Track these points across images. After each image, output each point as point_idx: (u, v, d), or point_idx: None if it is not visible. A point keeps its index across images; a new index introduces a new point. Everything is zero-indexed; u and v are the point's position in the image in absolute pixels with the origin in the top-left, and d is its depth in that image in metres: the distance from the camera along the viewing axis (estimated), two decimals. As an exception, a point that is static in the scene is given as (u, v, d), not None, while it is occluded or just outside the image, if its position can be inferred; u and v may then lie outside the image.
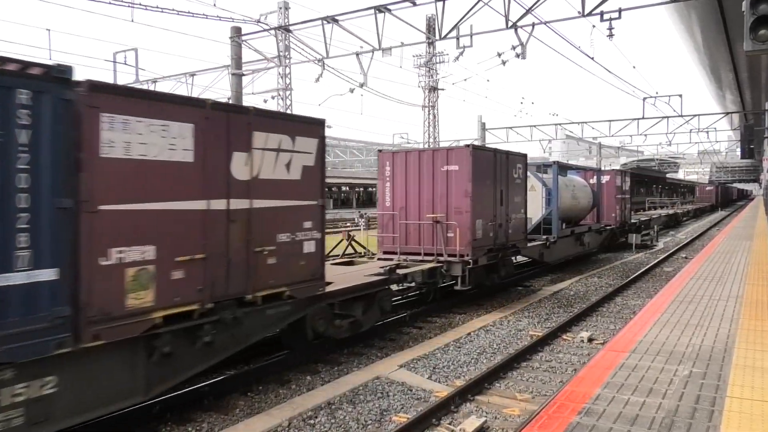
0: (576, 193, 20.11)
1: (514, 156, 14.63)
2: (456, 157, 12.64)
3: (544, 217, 17.71)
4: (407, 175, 13.16)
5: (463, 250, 12.31)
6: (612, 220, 24.23)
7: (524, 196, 15.05)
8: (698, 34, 19.10)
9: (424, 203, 12.89)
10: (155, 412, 6.82)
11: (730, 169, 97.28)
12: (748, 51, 6.74)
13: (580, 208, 20.77)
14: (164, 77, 20.77)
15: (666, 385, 5.36)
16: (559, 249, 18.35)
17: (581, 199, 20.64)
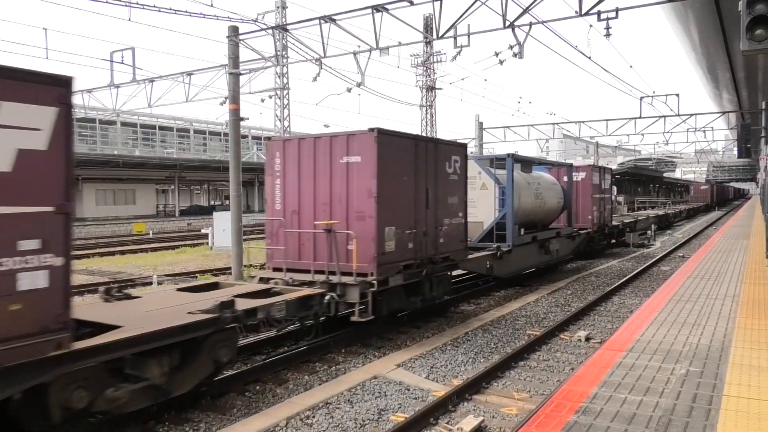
0: (542, 192, 17.36)
1: (448, 146, 11.80)
2: (358, 145, 9.75)
3: (498, 221, 14.96)
4: (300, 170, 10.37)
5: (364, 268, 9.51)
6: (588, 223, 21.40)
7: (463, 195, 12.22)
8: (695, 33, 19.12)
9: (320, 206, 10.12)
10: (153, 412, 6.82)
11: (727, 169, 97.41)
12: (745, 50, 6.75)
13: (546, 210, 17.87)
14: (161, 76, 20.72)
15: (663, 383, 5.38)
16: (517, 259, 15.39)
17: (549, 199, 17.82)
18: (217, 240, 25.12)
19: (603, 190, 23.01)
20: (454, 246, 11.84)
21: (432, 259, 11.10)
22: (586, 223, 21.31)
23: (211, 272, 18.04)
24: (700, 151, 59.63)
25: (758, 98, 28.65)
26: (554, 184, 18.75)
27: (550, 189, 18.16)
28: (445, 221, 11.48)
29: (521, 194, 15.70)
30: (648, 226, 31.41)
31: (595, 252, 23.18)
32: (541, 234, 17.20)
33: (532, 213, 16.85)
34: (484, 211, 14.99)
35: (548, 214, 18.24)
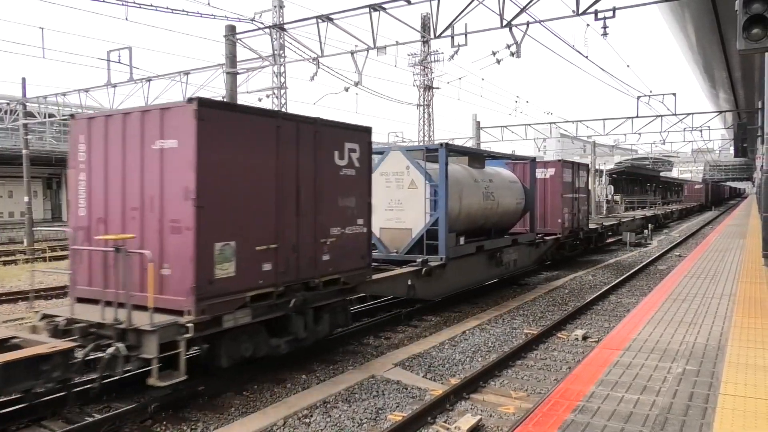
0: (494, 191, 14.35)
1: (338, 129, 8.72)
2: (174, 124, 6.83)
3: (428, 227, 11.96)
4: (108, 159, 7.40)
5: (178, 303, 6.62)
6: (558, 227, 18.46)
7: (365, 196, 9.34)
8: (692, 33, 19.16)
9: (129, 212, 7.18)
10: (151, 411, 6.81)
11: (724, 168, 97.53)
12: (741, 50, 6.77)
13: (501, 213, 14.80)
14: (158, 76, 20.70)
15: (660, 382, 5.39)
16: (455, 275, 12.50)
17: (505, 199, 14.84)
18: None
19: (577, 188, 20.21)
20: (348, 264, 8.85)
21: (309, 283, 8.17)
22: (555, 228, 18.43)
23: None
24: (696, 151, 59.74)
25: (755, 97, 28.73)
26: (513, 182, 15.79)
27: (506, 188, 15.14)
28: (333, 231, 8.53)
29: (463, 194, 12.86)
30: (634, 228, 29.59)
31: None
32: (491, 242, 14.18)
33: (481, 216, 13.87)
34: (413, 215, 12.08)
35: (504, 218, 15.20)
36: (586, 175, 21.49)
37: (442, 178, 11.88)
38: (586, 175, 21.48)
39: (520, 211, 16.08)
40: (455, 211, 12.55)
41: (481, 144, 33.16)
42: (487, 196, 14.00)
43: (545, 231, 18.28)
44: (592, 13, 13.49)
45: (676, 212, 49.59)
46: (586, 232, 21.43)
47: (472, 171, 13.97)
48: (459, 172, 13.26)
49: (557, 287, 15.62)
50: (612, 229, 26.69)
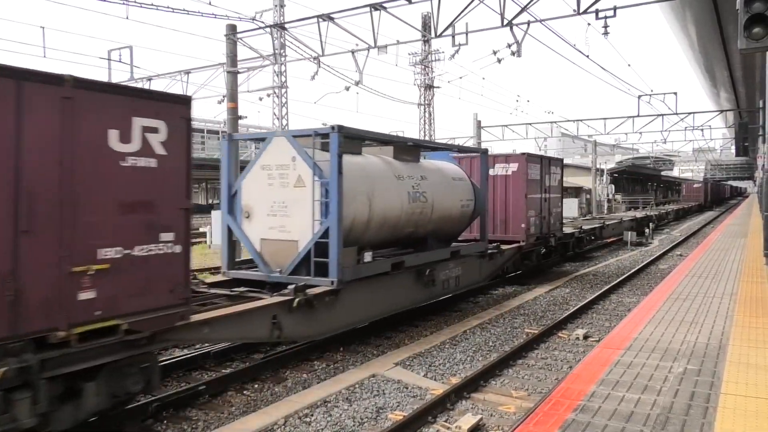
0: (428, 189, 11.23)
1: (120, 98, 5.69)
2: None
3: (317, 240, 8.79)
4: None
5: None
6: (521, 233, 15.45)
7: (178, 198, 6.22)
8: (693, 32, 19.15)
9: None
10: (151, 410, 6.82)
11: (725, 167, 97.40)
12: (743, 49, 6.77)
13: (439, 218, 11.66)
14: (159, 75, 20.71)
15: (661, 382, 5.39)
16: (355, 304, 9.28)
17: (443, 200, 11.71)
18: (216, 238, 25.09)
19: (548, 187, 17.24)
20: (140, 303, 5.79)
21: (47, 338, 5.10)
22: (517, 234, 15.46)
23: (209, 270, 18.05)
24: (698, 150, 59.74)
25: (756, 96, 28.71)
26: (458, 179, 12.62)
27: (447, 186, 12.04)
28: (104, 254, 5.50)
29: (376, 194, 9.75)
30: (620, 232, 27.40)
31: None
32: (416, 257, 10.86)
33: (407, 223, 10.74)
34: (299, 222, 8.96)
35: (444, 224, 12.07)
36: (559, 171, 18.38)
37: (334, 174, 8.60)
38: (560, 172, 18.45)
39: (469, 215, 12.90)
40: (362, 217, 9.44)
41: (481, 143, 33.13)
42: (417, 196, 10.77)
43: (506, 238, 15.41)
44: (593, 13, 13.48)
45: (672, 213, 45.62)
46: (559, 238, 18.32)
47: (397, 165, 10.79)
48: (372, 165, 10.12)
49: (558, 286, 15.60)
50: (594, 233, 23.70)
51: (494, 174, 15.75)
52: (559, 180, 18.31)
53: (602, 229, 25.08)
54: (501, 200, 15.84)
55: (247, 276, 9.53)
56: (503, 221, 15.85)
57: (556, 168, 18.07)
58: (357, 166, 9.72)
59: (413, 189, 10.83)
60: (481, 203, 13.21)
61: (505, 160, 16.01)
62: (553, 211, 17.79)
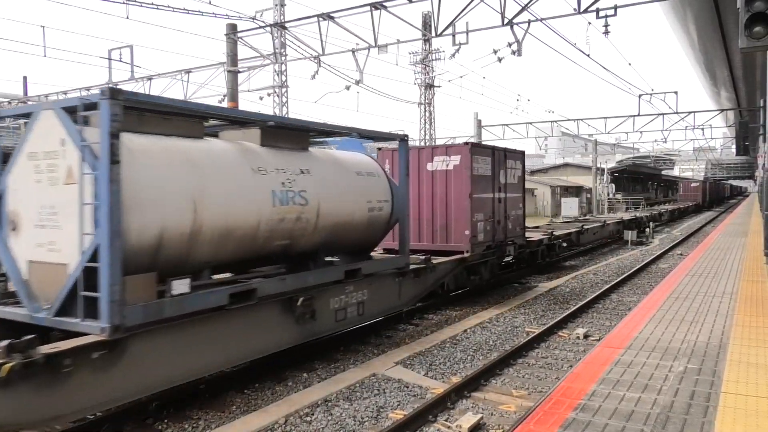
0: (309, 188, 8.37)
1: None
2: None
3: (86, 263, 5.69)
4: None
5: None
6: (465, 241, 12.67)
7: None
8: (693, 31, 19.14)
9: None
10: (152, 409, 6.83)
11: (725, 166, 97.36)
12: (743, 48, 6.76)
13: (332, 225, 8.83)
14: (160, 74, 20.71)
15: (661, 381, 5.39)
16: (163, 358, 6.32)
17: (338, 203, 8.91)
18: None
19: (503, 185, 14.32)
20: None
21: None
22: (460, 243, 12.72)
23: None
24: (698, 149, 59.68)
25: (756, 96, 28.71)
26: (365, 175, 9.67)
27: (347, 182, 9.15)
28: None
29: (208, 193, 6.87)
30: (601, 238, 25.43)
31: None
32: (278, 282, 7.80)
33: (273, 234, 7.79)
34: (69, 237, 5.98)
35: (344, 233, 9.14)
36: (520, 167, 15.34)
37: (104, 164, 5.69)
38: (521, 168, 15.37)
39: (384, 221, 9.95)
40: (180, 228, 6.52)
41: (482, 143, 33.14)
42: (289, 197, 7.87)
43: (448, 248, 12.81)
44: (594, 12, 13.49)
45: (667, 214, 41.83)
46: (521, 247, 15.44)
47: (260, 154, 7.87)
48: (204, 153, 7.10)
49: (558, 285, 15.59)
50: (569, 239, 20.51)
51: (433, 169, 13.15)
52: (520, 177, 15.42)
53: (580, 234, 21.72)
54: (441, 201, 12.99)
55: (5, 315, 6.30)
56: (443, 227, 12.98)
57: (515, 162, 15.03)
58: (173, 153, 6.66)
59: (283, 187, 7.77)
60: (400, 206, 10.25)
61: (444, 151, 13.17)
62: (512, 214, 14.86)
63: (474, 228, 12.89)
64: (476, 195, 12.99)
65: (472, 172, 12.84)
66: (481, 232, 13.22)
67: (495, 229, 13.91)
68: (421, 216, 13.24)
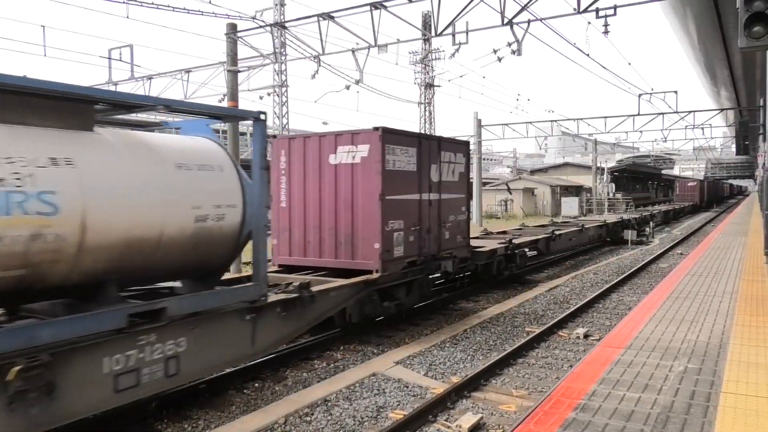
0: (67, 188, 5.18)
1: None
2: None
3: None
4: None
5: None
6: (374, 257, 9.83)
7: None
8: (693, 30, 19.14)
9: None
10: (152, 409, 6.82)
11: (725, 166, 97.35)
12: (743, 47, 6.76)
13: (111, 245, 5.55)
14: (160, 74, 20.70)
15: (661, 381, 5.39)
16: None
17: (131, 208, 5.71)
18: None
19: (437, 184, 11.44)
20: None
21: None
22: (369, 258, 9.88)
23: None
24: (698, 148, 59.68)
25: (756, 95, 28.72)
26: (192, 168, 6.56)
27: (157, 176, 6.12)
28: None
29: None
30: (579, 244, 22.35)
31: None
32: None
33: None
34: None
35: (147, 256, 6.04)
36: (463, 161, 12.47)
37: None
38: (465, 162, 12.52)
39: (228, 236, 6.85)
40: None
41: (482, 142, 33.14)
42: (8, 204, 4.82)
43: (352, 265, 9.97)
44: (594, 11, 13.48)
45: (660, 215, 37.80)
46: (463, 260, 12.60)
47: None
48: None
49: (558, 285, 15.57)
50: (536, 247, 17.89)
51: (336, 162, 10.18)
52: (463, 173, 12.48)
53: (550, 242, 18.46)
54: (345, 205, 10.13)
55: None
56: (348, 239, 10.05)
57: (454, 155, 12.09)
58: None
59: (2, 186, 4.82)
60: (255, 212, 7.08)
61: (350, 139, 10.11)
62: (450, 220, 11.96)
63: (387, 240, 9.94)
64: (391, 197, 10.00)
65: (385, 166, 9.86)
66: (400, 245, 10.29)
67: (423, 241, 10.98)
68: (323, 224, 10.30)
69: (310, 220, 10.46)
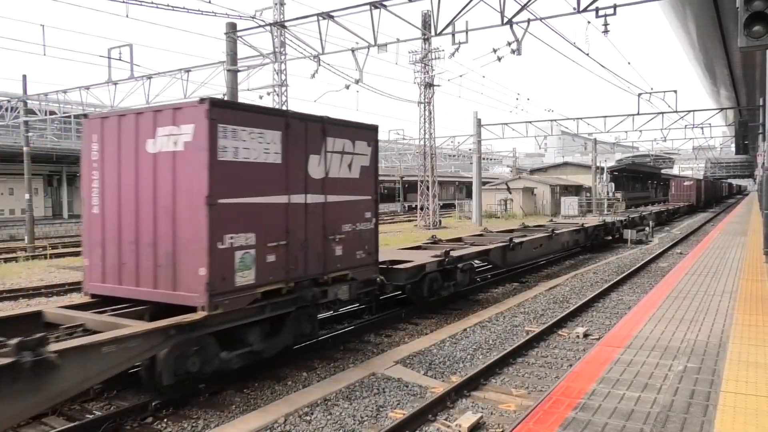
0: None
1: None
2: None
3: None
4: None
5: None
6: (199, 288, 6.74)
7: None
8: (693, 30, 19.14)
9: None
10: (152, 409, 6.82)
11: (725, 165, 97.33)
12: (743, 47, 6.76)
13: None
14: (159, 73, 20.68)
15: (661, 380, 5.39)
16: None
17: None
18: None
19: (317, 182, 8.41)
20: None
21: None
22: (192, 290, 6.85)
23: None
24: (698, 148, 59.67)
25: (756, 94, 28.73)
26: None
27: None
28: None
29: None
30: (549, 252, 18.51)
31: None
32: None
33: None
34: None
35: None
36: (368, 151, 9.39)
37: None
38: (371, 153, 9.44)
39: None
40: None
41: (482, 142, 33.15)
42: None
43: (172, 298, 7.06)
44: (593, 11, 13.49)
45: (651, 216, 32.53)
46: (369, 283, 9.76)
47: None
48: None
49: (558, 285, 15.56)
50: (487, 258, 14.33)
51: (156, 151, 7.21)
52: (367, 168, 9.36)
53: (507, 251, 14.88)
54: (165, 211, 7.13)
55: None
56: (169, 260, 7.07)
57: (351, 143, 9.01)
58: None
59: None
60: None
61: (171, 117, 7.11)
62: (346, 230, 8.93)
63: (222, 262, 6.90)
64: (230, 200, 7.02)
65: (218, 155, 6.86)
66: (248, 269, 7.24)
67: (294, 261, 7.96)
68: (140, 238, 7.30)
69: (126, 232, 7.43)
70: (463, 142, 41.87)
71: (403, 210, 61.48)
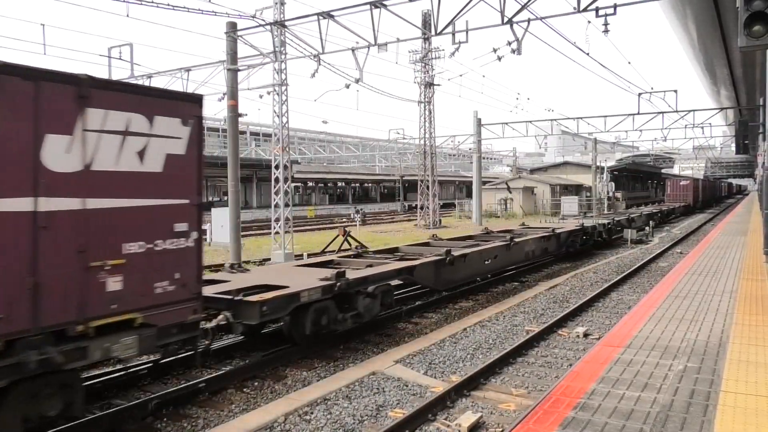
0: None
1: None
2: None
3: None
4: None
5: None
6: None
7: None
8: (693, 29, 19.14)
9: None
10: (151, 408, 6.82)
11: (725, 165, 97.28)
12: (743, 47, 6.76)
13: None
14: (159, 72, 20.68)
15: (661, 379, 5.39)
16: None
17: None
18: (215, 236, 25.11)
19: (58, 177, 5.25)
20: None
21: None
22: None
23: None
24: (698, 147, 59.66)
25: (756, 94, 28.72)
26: None
27: None
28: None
29: None
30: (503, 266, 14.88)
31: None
32: None
33: None
34: None
35: None
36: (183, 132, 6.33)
37: None
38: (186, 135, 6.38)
39: None
40: None
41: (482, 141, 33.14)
42: None
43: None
44: (593, 10, 13.49)
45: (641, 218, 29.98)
46: (183, 328, 6.40)
47: None
48: None
49: (558, 284, 15.57)
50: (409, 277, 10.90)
51: None
52: (181, 157, 6.37)
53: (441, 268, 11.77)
54: None
55: None
56: None
57: (148, 121, 5.99)
58: None
59: None
60: None
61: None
62: (140, 252, 5.95)
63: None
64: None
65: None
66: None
67: (12, 304, 4.97)
68: None
69: None
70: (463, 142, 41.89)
71: (403, 209, 61.51)
